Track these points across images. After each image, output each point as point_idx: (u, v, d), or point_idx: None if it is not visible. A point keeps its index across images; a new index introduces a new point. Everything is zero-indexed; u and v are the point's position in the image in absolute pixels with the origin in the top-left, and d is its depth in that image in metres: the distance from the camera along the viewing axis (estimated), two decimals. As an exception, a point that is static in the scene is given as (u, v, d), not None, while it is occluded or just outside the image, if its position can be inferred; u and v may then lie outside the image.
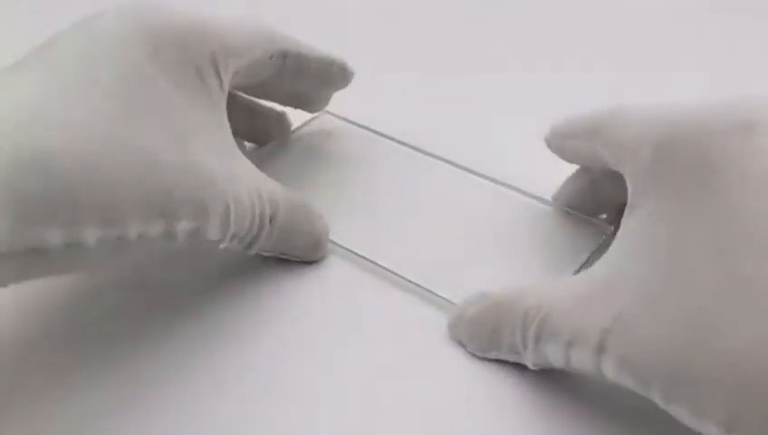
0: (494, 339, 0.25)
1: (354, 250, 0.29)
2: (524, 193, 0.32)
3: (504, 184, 0.32)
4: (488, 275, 0.28)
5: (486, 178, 0.33)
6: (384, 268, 0.28)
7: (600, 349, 0.21)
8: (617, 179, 0.25)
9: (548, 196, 0.32)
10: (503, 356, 0.25)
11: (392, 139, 0.35)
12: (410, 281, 0.28)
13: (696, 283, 0.19)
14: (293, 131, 0.36)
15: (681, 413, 0.19)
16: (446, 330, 0.26)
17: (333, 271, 0.29)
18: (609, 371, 0.21)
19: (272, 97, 0.34)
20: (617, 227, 0.24)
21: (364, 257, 0.29)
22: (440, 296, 0.27)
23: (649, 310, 0.20)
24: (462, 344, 0.26)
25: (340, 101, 0.36)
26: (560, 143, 0.29)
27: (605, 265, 0.23)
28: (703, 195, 0.20)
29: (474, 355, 0.25)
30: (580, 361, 0.22)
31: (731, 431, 0.18)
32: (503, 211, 0.31)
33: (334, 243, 0.29)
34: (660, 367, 0.19)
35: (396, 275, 0.28)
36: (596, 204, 0.30)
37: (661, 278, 0.20)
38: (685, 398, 0.19)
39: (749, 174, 0.20)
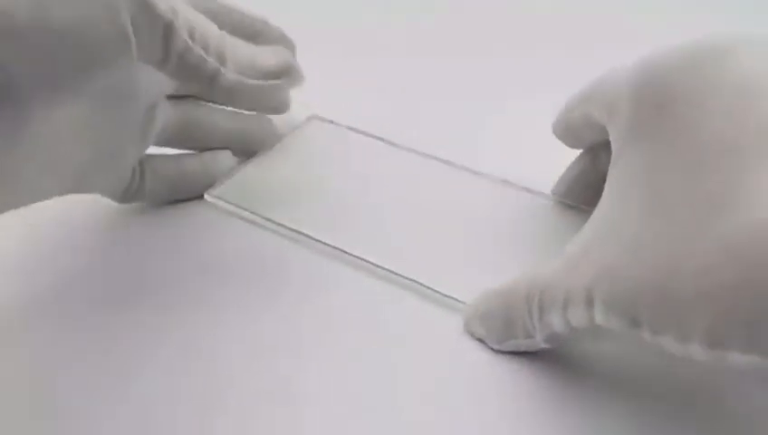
0: (508, 328, 0.25)
1: (363, 257, 0.29)
2: (523, 189, 0.32)
3: (502, 181, 0.32)
4: (491, 271, 0.27)
5: (483, 175, 0.32)
6: (392, 272, 0.28)
7: (589, 301, 0.21)
8: None
9: (546, 190, 0.31)
10: (520, 344, 0.25)
11: (379, 138, 0.35)
12: (422, 284, 0.28)
13: (668, 211, 0.20)
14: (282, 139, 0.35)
15: (669, 343, 0.20)
16: (455, 329, 0.26)
17: (343, 279, 0.28)
18: (600, 318, 0.21)
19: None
20: None
21: (372, 263, 0.28)
22: (448, 296, 0.27)
23: (629, 251, 0.20)
24: (482, 340, 0.26)
25: (326, 104, 0.35)
26: (563, 124, 0.29)
27: (588, 225, 0.23)
28: (669, 130, 0.21)
29: (486, 350, 0.26)
30: (577, 319, 0.22)
31: (714, 346, 0.18)
32: (502, 208, 0.31)
33: (342, 250, 0.29)
34: (645, 301, 0.20)
35: (405, 278, 0.28)
36: (595, 191, 0.30)
37: (638, 218, 0.21)
38: (670, 325, 0.19)
39: (707, 101, 0.21)
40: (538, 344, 0.24)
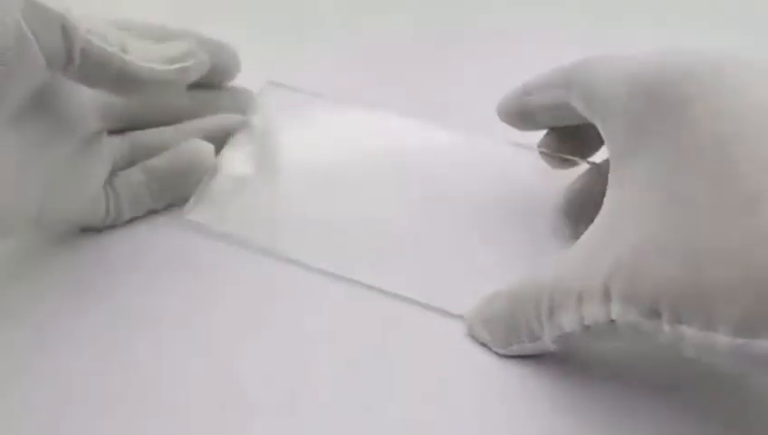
0: (513, 332, 0.25)
1: (358, 279, 0.28)
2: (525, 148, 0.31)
3: (508, 144, 0.31)
4: (487, 277, 0.27)
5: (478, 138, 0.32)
6: (387, 292, 0.28)
7: (606, 295, 0.21)
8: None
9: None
10: (526, 348, 0.25)
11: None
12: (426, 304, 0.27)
13: (693, 207, 0.20)
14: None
15: (690, 333, 0.19)
16: (455, 332, 0.26)
17: (339, 297, 0.28)
18: (617, 312, 0.21)
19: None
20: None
21: (367, 285, 0.28)
22: (444, 311, 0.27)
23: (649, 244, 0.21)
24: (485, 345, 0.26)
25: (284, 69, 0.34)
26: (517, 107, 0.29)
27: (598, 224, 0.23)
28: (687, 131, 0.21)
29: (487, 353, 0.26)
30: (592, 315, 0.22)
31: (742, 333, 0.18)
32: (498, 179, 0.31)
33: (334, 274, 0.28)
34: (667, 291, 0.20)
35: (405, 297, 0.27)
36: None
37: (657, 213, 0.21)
38: (694, 313, 0.19)
39: (724, 106, 0.21)
40: (545, 347, 0.24)
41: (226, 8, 0.44)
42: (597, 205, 0.26)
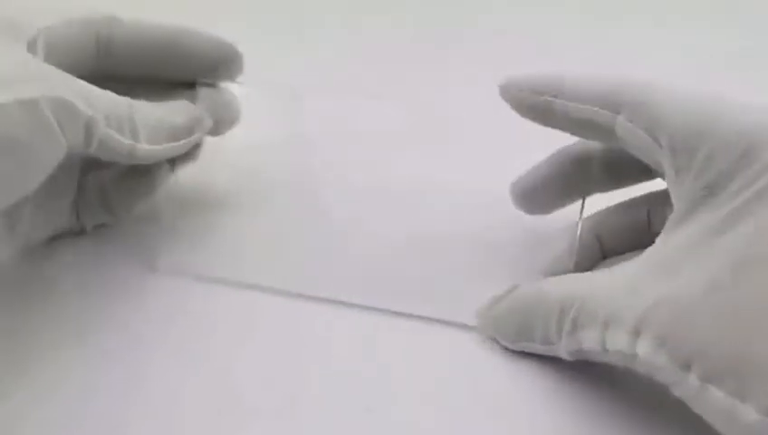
0: (525, 331, 0.25)
1: (348, 301, 0.27)
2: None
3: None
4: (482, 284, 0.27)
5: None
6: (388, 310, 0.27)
7: (637, 329, 0.21)
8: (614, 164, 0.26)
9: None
10: (534, 347, 0.25)
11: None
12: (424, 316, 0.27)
13: (760, 281, 0.20)
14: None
15: (716, 394, 0.19)
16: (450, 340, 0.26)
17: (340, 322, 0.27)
18: (644, 350, 0.21)
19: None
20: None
21: (359, 305, 0.27)
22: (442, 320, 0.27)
23: (703, 298, 0.20)
24: (492, 338, 0.26)
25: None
26: (545, 105, 0.26)
27: (653, 252, 0.23)
28: None
29: (489, 355, 0.25)
30: (614, 342, 0.21)
31: None
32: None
33: (320, 298, 0.28)
34: (708, 348, 0.19)
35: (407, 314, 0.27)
36: (565, 192, 0.29)
37: (730, 272, 0.20)
38: (730, 379, 0.19)
39: None
40: (555, 353, 0.24)
41: (227, 7, 0.44)
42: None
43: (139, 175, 0.30)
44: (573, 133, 0.27)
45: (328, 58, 0.39)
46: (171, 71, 0.30)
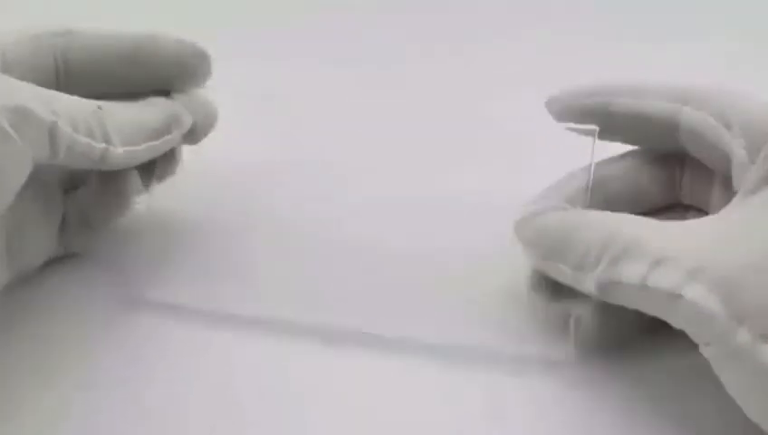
0: (560, 250, 0.24)
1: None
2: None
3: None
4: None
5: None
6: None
7: (694, 272, 0.20)
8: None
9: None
10: (560, 272, 0.24)
11: None
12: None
13: None
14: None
15: (743, 336, 0.19)
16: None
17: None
18: (694, 292, 0.20)
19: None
20: None
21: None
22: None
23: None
24: (522, 245, 0.25)
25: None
26: (600, 107, 0.26)
27: (706, 221, 0.23)
28: None
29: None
30: (661, 280, 0.21)
31: None
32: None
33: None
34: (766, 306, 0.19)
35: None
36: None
37: None
38: None
39: None
40: (579, 283, 0.23)
41: (220, 8, 0.44)
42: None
43: (113, 186, 0.29)
44: (626, 138, 0.27)
45: (326, 58, 0.39)
46: (137, 80, 0.29)
